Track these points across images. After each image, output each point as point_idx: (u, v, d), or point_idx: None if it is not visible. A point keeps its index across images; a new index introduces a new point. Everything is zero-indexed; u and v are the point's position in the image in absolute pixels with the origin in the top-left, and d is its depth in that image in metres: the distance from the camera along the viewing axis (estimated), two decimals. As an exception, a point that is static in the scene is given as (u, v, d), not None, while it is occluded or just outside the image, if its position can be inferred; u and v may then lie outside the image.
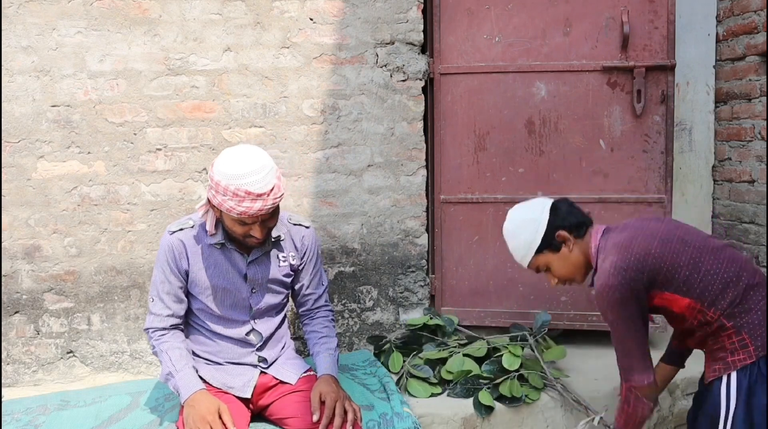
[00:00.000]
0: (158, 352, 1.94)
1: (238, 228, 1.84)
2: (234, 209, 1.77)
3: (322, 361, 2.03)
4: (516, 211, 1.92)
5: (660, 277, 1.69)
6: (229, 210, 1.78)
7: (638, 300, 1.68)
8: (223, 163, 1.78)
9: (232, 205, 1.76)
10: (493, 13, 2.70)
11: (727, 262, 1.70)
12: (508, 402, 2.26)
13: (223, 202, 1.77)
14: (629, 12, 2.62)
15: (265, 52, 2.61)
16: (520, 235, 1.86)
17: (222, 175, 1.76)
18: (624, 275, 1.66)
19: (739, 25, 2.96)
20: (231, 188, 1.75)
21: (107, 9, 2.51)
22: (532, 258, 1.87)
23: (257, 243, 1.91)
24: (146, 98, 2.56)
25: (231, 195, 1.75)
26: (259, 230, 1.85)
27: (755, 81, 2.88)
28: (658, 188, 2.70)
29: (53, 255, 2.55)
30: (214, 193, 1.79)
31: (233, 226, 1.85)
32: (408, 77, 2.69)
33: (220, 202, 1.78)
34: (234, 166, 1.76)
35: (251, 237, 1.87)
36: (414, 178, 2.73)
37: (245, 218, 1.80)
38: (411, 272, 2.77)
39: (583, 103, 2.70)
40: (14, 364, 2.57)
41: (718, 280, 1.67)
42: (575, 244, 1.84)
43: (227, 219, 1.85)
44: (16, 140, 2.51)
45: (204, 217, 1.94)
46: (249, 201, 1.75)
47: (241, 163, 1.76)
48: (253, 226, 1.84)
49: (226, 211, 1.79)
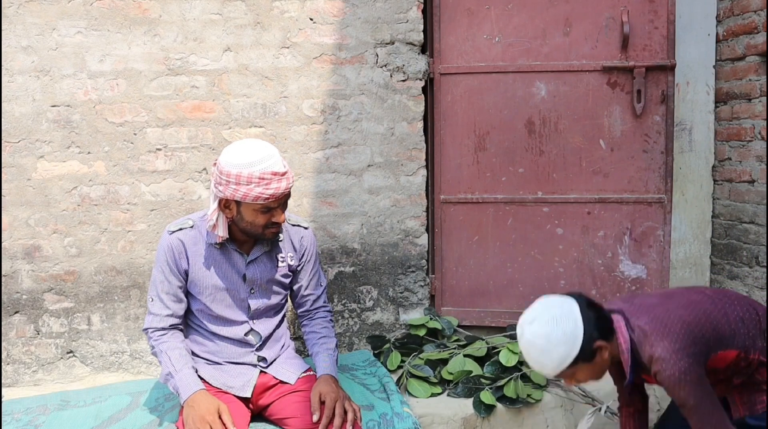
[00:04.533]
0: (157, 353, 1.94)
1: (260, 218, 1.86)
2: (263, 194, 1.79)
3: (321, 361, 2.03)
4: (541, 327, 1.67)
5: (711, 340, 1.65)
6: (256, 198, 1.79)
7: (704, 374, 1.64)
8: (236, 156, 1.80)
9: (260, 191, 1.79)
10: (493, 13, 2.70)
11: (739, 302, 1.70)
12: (509, 402, 2.26)
13: (248, 192, 1.79)
14: (629, 12, 2.62)
15: (265, 52, 2.61)
16: (553, 351, 1.66)
17: (240, 166, 1.78)
18: (687, 353, 1.60)
19: (739, 25, 2.96)
20: (256, 174, 1.78)
21: (107, 9, 2.51)
22: (565, 368, 1.70)
23: (275, 233, 1.93)
24: (146, 98, 2.56)
25: (257, 181, 1.78)
26: (281, 214, 1.88)
27: (755, 81, 2.88)
28: (658, 188, 2.70)
29: (53, 255, 2.55)
30: (235, 187, 1.79)
31: (255, 217, 1.85)
32: (408, 77, 2.69)
33: (244, 193, 1.79)
34: (249, 155, 1.79)
35: (273, 225, 1.89)
36: (414, 178, 2.73)
37: (271, 202, 1.82)
38: (411, 272, 2.77)
39: (583, 103, 2.70)
40: (14, 364, 2.57)
41: (748, 322, 1.67)
42: (608, 349, 1.71)
43: (248, 212, 1.85)
44: (16, 140, 2.51)
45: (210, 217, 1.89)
46: (276, 181, 1.80)
47: (254, 150, 1.81)
48: (275, 211, 1.87)
49: (252, 199, 1.80)
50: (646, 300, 1.76)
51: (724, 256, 3.13)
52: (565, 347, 1.65)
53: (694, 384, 1.60)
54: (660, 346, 1.62)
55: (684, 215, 3.17)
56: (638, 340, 1.68)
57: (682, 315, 1.66)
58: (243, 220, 1.88)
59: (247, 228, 1.90)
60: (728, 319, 1.67)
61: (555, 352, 1.65)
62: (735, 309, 1.69)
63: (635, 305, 1.75)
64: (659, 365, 1.63)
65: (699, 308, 1.68)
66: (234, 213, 1.87)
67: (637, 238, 2.74)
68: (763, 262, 2.87)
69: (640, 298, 1.78)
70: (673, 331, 1.63)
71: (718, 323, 1.66)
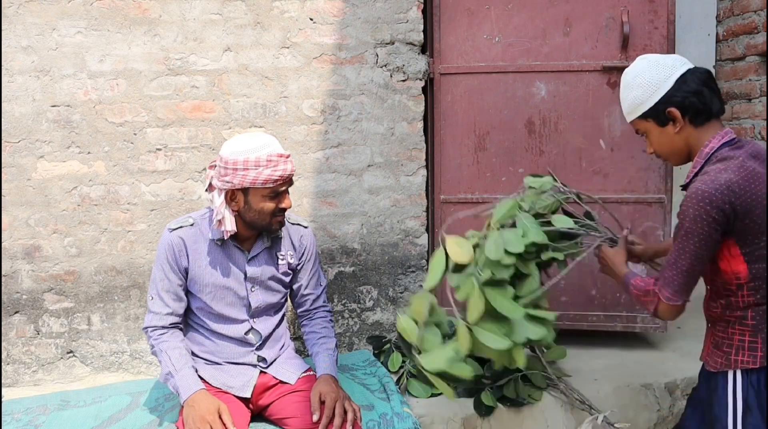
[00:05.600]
0: (157, 352, 1.94)
1: (269, 205, 1.89)
2: (272, 176, 1.84)
3: (321, 361, 2.03)
4: (641, 62, 1.63)
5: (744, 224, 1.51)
6: (266, 180, 1.84)
7: (715, 231, 1.50)
8: (240, 144, 1.86)
9: (270, 173, 1.84)
10: (493, 13, 2.70)
11: None
12: (509, 403, 2.26)
13: (258, 175, 1.83)
14: (629, 12, 2.62)
15: (265, 52, 2.61)
16: (633, 90, 1.62)
17: (247, 152, 1.83)
18: (727, 201, 1.47)
19: (739, 25, 2.96)
20: (263, 157, 1.83)
21: (107, 9, 2.51)
22: (635, 118, 1.66)
23: (281, 222, 1.96)
24: (146, 98, 2.56)
25: (265, 163, 1.83)
26: (287, 198, 1.93)
27: (755, 81, 2.88)
28: (658, 188, 2.70)
29: (53, 255, 2.55)
30: (243, 172, 1.83)
31: (264, 204, 1.88)
32: (408, 77, 2.69)
33: (254, 178, 1.83)
34: (252, 142, 1.86)
35: (279, 213, 1.93)
36: (414, 178, 2.73)
37: (280, 185, 1.87)
38: (411, 272, 2.77)
39: (583, 103, 2.70)
40: (14, 364, 2.57)
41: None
42: (684, 129, 1.60)
43: (256, 200, 1.88)
44: (16, 140, 2.51)
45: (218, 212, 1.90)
46: (282, 163, 1.86)
47: (254, 137, 1.87)
48: (282, 196, 1.91)
49: (262, 183, 1.84)
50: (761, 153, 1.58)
51: (724, 256, 3.13)
52: (642, 93, 1.60)
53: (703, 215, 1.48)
54: (723, 176, 1.50)
55: (684, 215, 3.16)
56: (716, 158, 1.56)
57: None
58: (251, 210, 1.90)
59: (255, 218, 1.91)
60: None
61: (632, 94, 1.62)
62: None
63: (752, 147, 1.58)
64: (700, 179, 1.52)
65: None
66: (241, 204, 1.89)
67: (637, 238, 2.74)
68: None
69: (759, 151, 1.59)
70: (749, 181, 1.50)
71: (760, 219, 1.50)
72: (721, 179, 1.49)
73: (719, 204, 1.47)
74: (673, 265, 1.57)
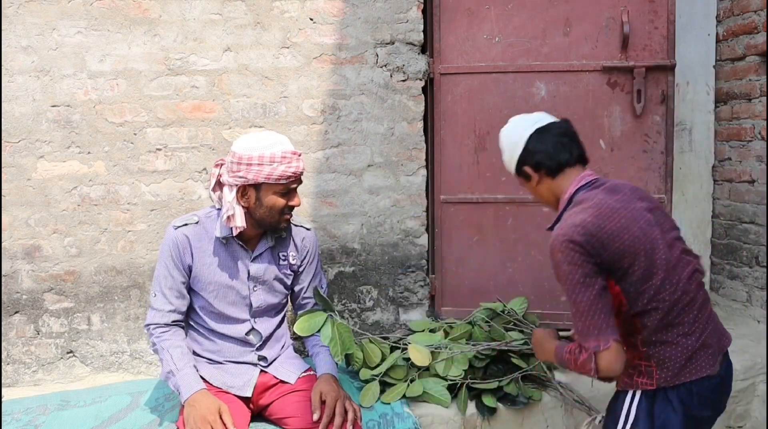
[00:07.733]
0: (159, 350, 1.94)
1: (280, 201, 1.91)
2: (286, 172, 1.87)
3: (321, 361, 2.03)
4: (508, 126, 1.80)
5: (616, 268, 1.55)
6: (280, 176, 1.86)
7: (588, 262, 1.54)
8: (254, 141, 1.88)
9: (284, 169, 1.86)
10: (493, 13, 2.70)
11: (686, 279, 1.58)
12: (509, 403, 2.26)
13: (272, 171, 1.85)
14: (629, 12, 2.62)
15: (265, 52, 2.61)
16: (503, 152, 1.81)
17: (262, 148, 1.85)
18: (585, 240, 1.53)
19: (739, 25, 2.96)
20: (278, 153, 1.86)
21: (107, 9, 2.51)
22: (513, 174, 1.82)
23: (288, 221, 1.98)
24: (146, 98, 2.56)
25: (279, 159, 1.86)
26: (297, 197, 1.96)
27: (755, 81, 2.88)
28: (658, 188, 2.70)
29: (53, 255, 2.55)
30: (258, 167, 1.85)
31: (275, 201, 1.90)
32: (408, 77, 2.69)
33: (268, 173, 1.85)
34: (266, 139, 1.88)
35: (288, 211, 1.95)
36: (414, 178, 2.73)
37: (293, 181, 1.91)
38: (411, 272, 2.77)
39: (583, 103, 2.70)
40: (14, 364, 2.57)
41: (668, 299, 1.55)
42: (543, 182, 1.74)
43: (268, 196, 1.89)
44: (16, 140, 2.51)
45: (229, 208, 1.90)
46: (296, 160, 1.89)
47: (267, 135, 1.90)
48: (292, 194, 1.94)
49: (276, 179, 1.86)
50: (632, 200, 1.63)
51: (724, 256, 3.13)
52: (507, 155, 1.79)
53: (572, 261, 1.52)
54: (580, 217, 1.57)
55: (684, 215, 3.17)
56: (577, 201, 1.65)
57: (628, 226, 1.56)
58: (261, 207, 1.91)
59: (265, 215, 1.92)
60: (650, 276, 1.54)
61: (503, 155, 1.82)
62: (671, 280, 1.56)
63: (617, 188, 1.66)
64: (560, 225, 1.61)
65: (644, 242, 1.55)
66: (252, 200, 1.90)
67: (637, 238, 2.74)
68: (763, 262, 2.87)
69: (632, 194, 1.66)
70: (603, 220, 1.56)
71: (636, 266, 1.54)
72: (576, 220, 1.58)
73: (579, 240, 1.54)
74: (578, 315, 1.54)
